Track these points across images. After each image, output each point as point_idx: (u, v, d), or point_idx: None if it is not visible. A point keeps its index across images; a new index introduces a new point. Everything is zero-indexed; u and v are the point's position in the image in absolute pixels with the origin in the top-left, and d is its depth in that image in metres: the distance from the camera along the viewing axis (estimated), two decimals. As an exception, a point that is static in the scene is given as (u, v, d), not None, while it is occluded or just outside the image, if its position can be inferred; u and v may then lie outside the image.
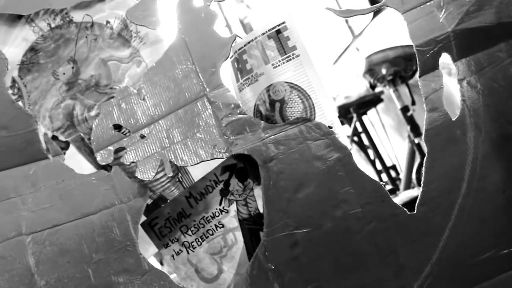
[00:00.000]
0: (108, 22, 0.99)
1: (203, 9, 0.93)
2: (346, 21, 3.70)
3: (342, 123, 3.26)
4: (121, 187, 0.88)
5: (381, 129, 3.71)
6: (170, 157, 0.89)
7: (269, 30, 0.95)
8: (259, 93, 0.96)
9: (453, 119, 0.88)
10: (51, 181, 0.87)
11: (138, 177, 0.88)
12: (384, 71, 2.54)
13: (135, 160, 0.89)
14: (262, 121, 0.88)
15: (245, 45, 0.98)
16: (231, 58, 1.00)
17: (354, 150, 3.40)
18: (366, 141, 3.32)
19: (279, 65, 0.94)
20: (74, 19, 0.98)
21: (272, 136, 0.88)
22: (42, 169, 0.87)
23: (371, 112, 3.57)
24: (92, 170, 0.96)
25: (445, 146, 0.88)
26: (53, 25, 0.97)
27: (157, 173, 0.93)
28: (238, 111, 0.89)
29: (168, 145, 0.89)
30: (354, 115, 3.15)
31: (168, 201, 0.97)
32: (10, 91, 0.93)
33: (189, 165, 0.88)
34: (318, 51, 3.93)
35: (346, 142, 0.89)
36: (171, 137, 0.89)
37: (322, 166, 0.87)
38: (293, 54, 0.94)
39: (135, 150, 0.90)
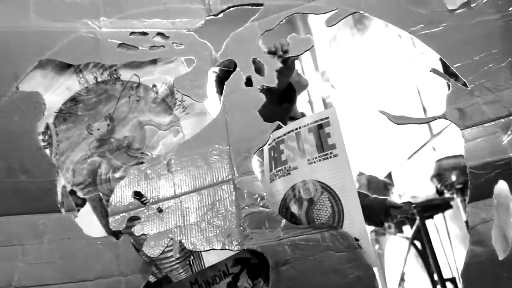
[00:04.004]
0: (154, 85, 0.97)
1: (252, 91, 0.89)
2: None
3: (403, 223, 3.09)
4: (126, 258, 0.83)
5: (445, 236, 3.49)
6: (181, 238, 0.83)
7: (310, 123, 0.89)
8: (289, 187, 0.89)
9: (500, 259, 0.77)
10: (56, 236, 0.83)
11: (144, 251, 0.83)
12: (453, 178, 2.40)
13: (146, 233, 0.84)
14: (284, 219, 0.81)
15: (284, 135, 0.92)
16: (269, 145, 0.95)
17: (412, 255, 3.21)
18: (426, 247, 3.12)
19: (314, 162, 0.87)
20: (121, 77, 0.96)
21: (292, 238, 0.80)
22: (51, 222, 0.83)
23: (438, 217, 3.38)
24: (102, 234, 0.92)
25: (485, 288, 0.77)
26: (99, 79, 0.96)
27: (168, 251, 0.87)
28: (261, 204, 0.82)
29: (182, 224, 0.83)
30: (417, 218, 2.98)
31: (172, 283, 0.90)
32: (40, 137, 0.92)
33: (197, 250, 0.82)
34: (395, 143, 3.83)
35: (372, 260, 0.79)
36: (188, 217, 0.84)
37: (340, 282, 0.78)
38: (331, 153, 0.86)
39: (149, 223, 0.84)
